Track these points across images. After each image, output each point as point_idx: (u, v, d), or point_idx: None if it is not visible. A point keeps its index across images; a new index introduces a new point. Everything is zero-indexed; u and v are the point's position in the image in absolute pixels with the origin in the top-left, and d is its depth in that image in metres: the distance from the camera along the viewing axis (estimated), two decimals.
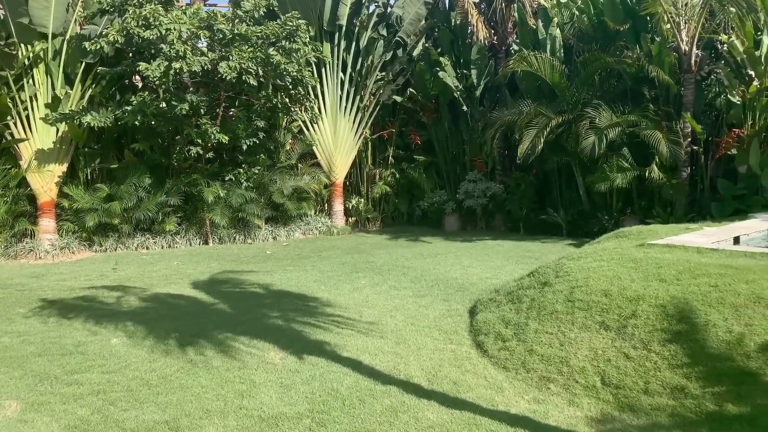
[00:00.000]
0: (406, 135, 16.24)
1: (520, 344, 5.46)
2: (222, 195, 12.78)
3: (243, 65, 11.42)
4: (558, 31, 13.63)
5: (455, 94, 14.69)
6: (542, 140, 12.27)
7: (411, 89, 15.26)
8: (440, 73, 14.32)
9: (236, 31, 11.48)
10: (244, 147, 12.94)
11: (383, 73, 15.45)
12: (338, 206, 15.18)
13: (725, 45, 11.30)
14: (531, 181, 14.34)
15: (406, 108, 15.90)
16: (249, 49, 11.65)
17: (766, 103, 10.64)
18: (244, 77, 11.66)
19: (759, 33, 11.01)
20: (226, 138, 12.23)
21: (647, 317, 5.01)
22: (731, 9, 10.75)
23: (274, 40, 12.14)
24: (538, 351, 5.23)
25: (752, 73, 10.74)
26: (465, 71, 15.12)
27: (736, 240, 7.82)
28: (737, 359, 4.29)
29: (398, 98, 15.47)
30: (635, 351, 4.76)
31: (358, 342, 5.93)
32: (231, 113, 13.31)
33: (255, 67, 11.60)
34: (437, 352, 5.66)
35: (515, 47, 14.58)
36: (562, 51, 13.68)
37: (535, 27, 14.07)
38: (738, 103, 11.11)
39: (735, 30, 10.75)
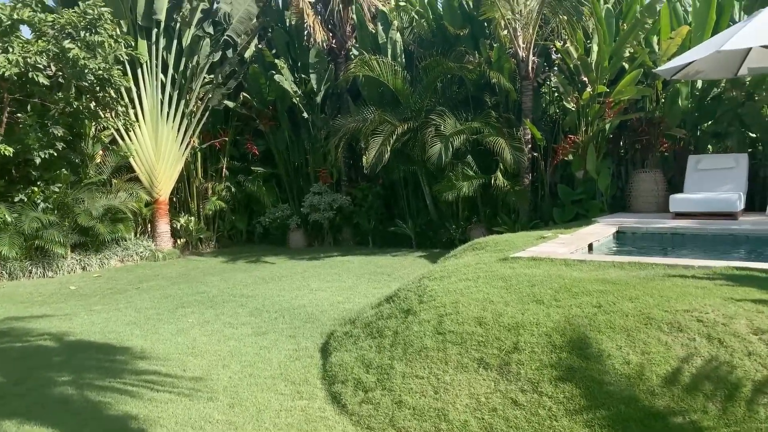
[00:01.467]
0: (241, 144, 14.71)
1: (386, 394, 4.42)
2: (10, 220, 10.31)
3: (29, 60, 9.21)
4: (398, 35, 13.10)
5: (294, 100, 13.53)
6: (389, 149, 11.57)
7: (244, 94, 13.81)
8: (276, 77, 13.08)
9: (17, 17, 9.24)
10: (38, 160, 10.59)
11: (212, 76, 13.81)
12: (163, 227, 13.20)
13: (559, 52, 11.46)
14: (378, 191, 13.64)
15: (240, 115, 14.39)
16: (37, 41, 9.46)
17: (598, 109, 10.90)
18: (31, 74, 9.44)
19: (589, 41, 11.30)
20: (11, 150, 9.85)
21: (532, 350, 4.24)
22: (563, 16, 10.89)
23: (71, 30, 10.04)
24: (409, 402, 4.23)
25: (585, 79, 10.96)
26: (304, 76, 14.04)
27: (590, 247, 7.59)
28: (642, 398, 3.63)
29: (230, 103, 13.92)
30: (524, 395, 3.94)
31: (178, 410, 4.49)
32: (19, 120, 10.86)
33: (45, 63, 9.44)
34: (284, 414, 4.43)
35: (355, 52, 13.81)
36: (403, 56, 13.18)
37: (374, 31, 13.42)
38: (572, 109, 11.31)
39: (568, 37, 10.91)
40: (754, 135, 10.98)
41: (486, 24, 12.58)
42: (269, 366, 5.51)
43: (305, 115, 13.64)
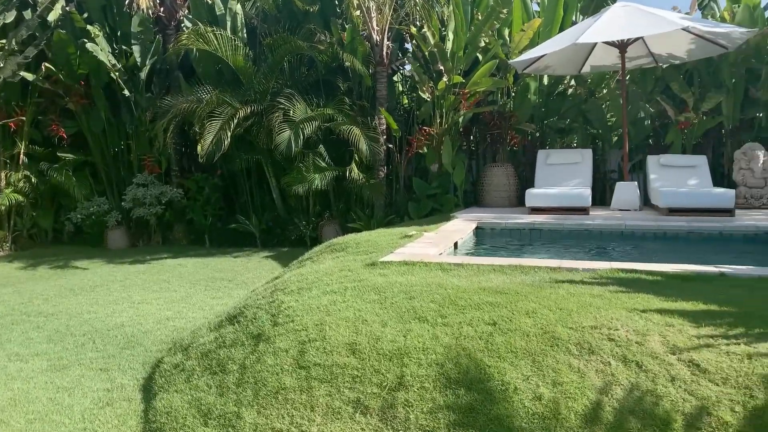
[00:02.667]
0: (45, 126, 12.20)
1: None
2: None
3: None
4: (239, 6, 11.65)
5: (113, 75, 11.46)
6: (228, 135, 10.15)
7: (48, 65, 11.41)
8: (89, 46, 10.93)
9: None
10: None
11: (3, 41, 11.22)
12: None
13: (414, 38, 10.87)
14: (216, 183, 12.09)
15: (43, 90, 11.90)
16: None
17: (453, 100, 10.50)
18: None
19: (444, 28, 10.85)
20: None
21: (422, 386, 3.36)
22: (417, 0, 10.29)
23: None
24: None
25: (441, 68, 10.49)
26: (125, 47, 11.98)
27: (455, 246, 7.01)
28: None
29: (29, 75, 11.42)
30: None
31: None
32: None
33: None
34: None
35: (188, 23, 12.07)
36: (245, 31, 11.75)
37: (211, 1, 11.82)
38: (428, 99, 10.80)
39: (424, 22, 10.34)
40: (595, 131, 11.32)
41: (338, 2, 11.63)
42: (68, 418, 4.07)
43: (126, 92, 11.63)
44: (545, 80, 11.53)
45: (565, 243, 7.88)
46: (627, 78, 10.10)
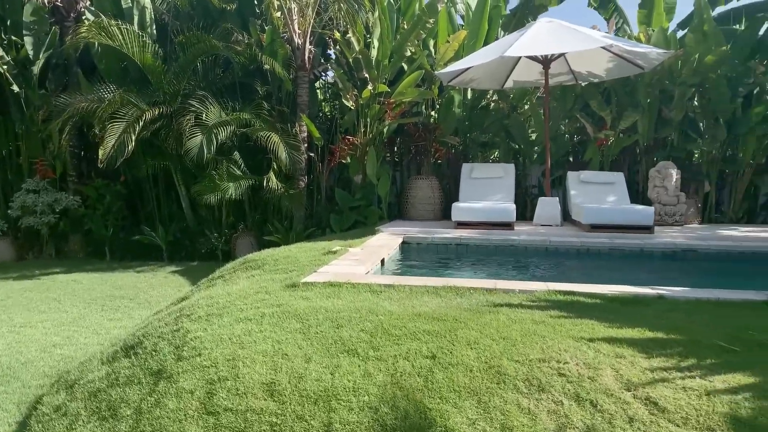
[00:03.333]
0: None
1: None
2: None
3: None
4: (148, 0, 10.76)
5: (0, 69, 10.24)
6: (133, 138, 9.25)
7: None
8: None
9: None
10: None
11: None
12: None
13: (338, 44, 10.44)
14: (119, 191, 11.06)
15: None
16: None
17: (378, 110, 10.15)
18: None
19: (369, 35, 10.50)
20: None
21: None
22: (342, 4, 9.88)
23: None
24: None
25: (366, 76, 10.11)
26: (15, 37, 10.75)
27: (383, 263, 6.61)
28: None
29: None
30: None
31: None
32: None
33: None
34: None
35: (90, 16, 11.02)
36: (154, 27, 10.88)
37: None
38: (351, 108, 10.38)
39: (349, 27, 9.94)
40: (517, 146, 11.34)
41: (257, 1, 11.02)
42: None
43: (16, 88, 10.42)
44: (469, 94, 11.44)
45: (492, 259, 7.67)
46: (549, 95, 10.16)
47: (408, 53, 10.30)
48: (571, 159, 11.36)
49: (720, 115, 9.99)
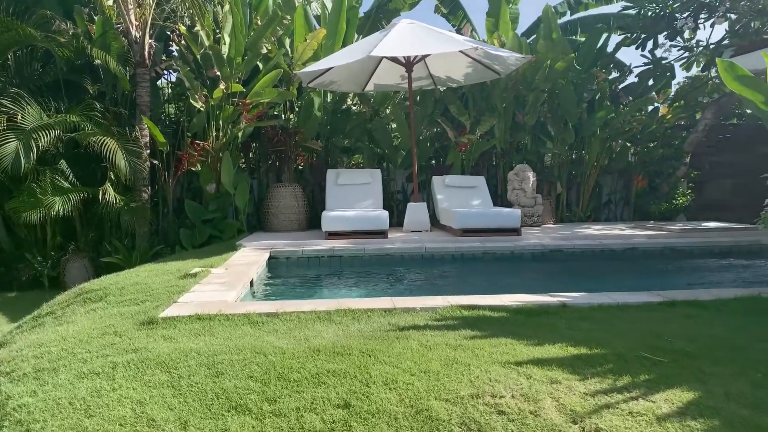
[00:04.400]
0: None
1: None
2: None
3: None
4: None
5: None
6: None
7: None
8: None
9: None
10: None
11: None
12: None
13: (183, 38, 9.33)
14: None
15: None
16: None
17: (232, 112, 9.23)
18: None
19: (218, 30, 9.54)
20: None
21: None
22: None
23: None
24: None
25: (218, 73, 9.14)
26: None
27: (251, 284, 5.83)
28: None
29: None
30: None
31: None
32: None
33: None
34: None
35: None
36: None
37: None
38: (201, 109, 9.33)
39: (197, 19, 8.91)
40: (381, 151, 11.04)
41: None
42: None
43: None
44: (329, 97, 10.93)
45: (370, 270, 7.19)
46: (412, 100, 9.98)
47: (264, 50, 9.51)
48: (433, 163, 11.31)
49: (569, 119, 10.51)
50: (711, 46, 11.26)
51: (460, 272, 7.23)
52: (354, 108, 11.41)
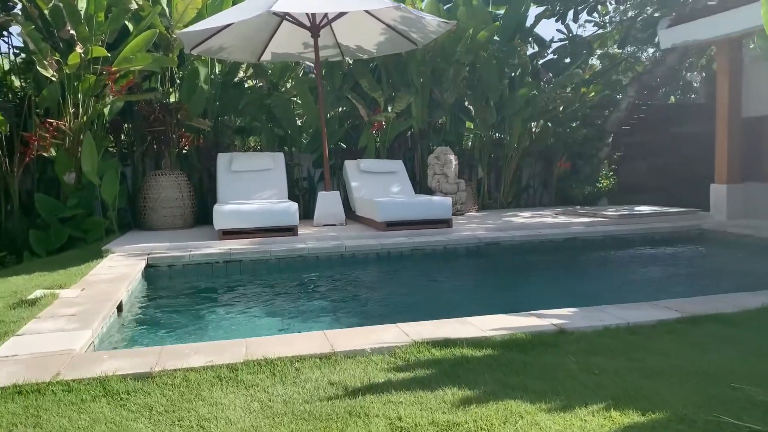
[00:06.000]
0: None
1: None
2: None
3: None
4: None
5: None
6: None
7: None
8: None
9: None
10: None
11: None
12: None
13: None
14: None
15: None
16: None
17: (95, 82, 7.35)
18: None
19: None
20: None
21: None
22: None
23: None
24: None
25: (73, 34, 7.19)
26: None
27: (120, 309, 4.26)
28: None
29: None
30: None
31: None
32: None
33: None
34: None
35: None
36: None
37: None
38: (53, 80, 7.35)
39: None
40: (283, 132, 9.54)
41: None
42: None
43: None
44: (218, 67, 9.25)
45: (281, 278, 5.78)
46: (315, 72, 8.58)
47: (133, 5, 7.66)
48: (344, 146, 9.99)
49: (490, 96, 9.60)
50: (625, 23, 10.83)
51: (392, 275, 6.01)
52: (248, 81, 9.79)
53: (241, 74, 9.79)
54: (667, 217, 7.98)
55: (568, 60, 10.58)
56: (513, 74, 9.92)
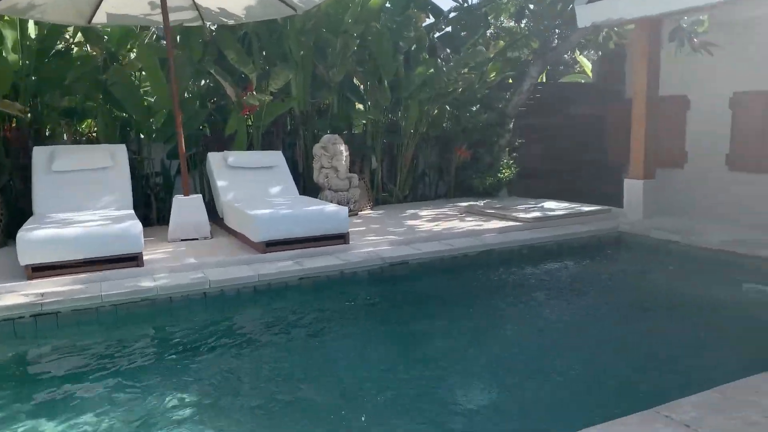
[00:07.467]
0: None
1: None
2: None
3: None
4: None
5: None
6: None
7: None
8: None
9: None
10: None
11: None
12: None
13: None
14: None
15: None
16: None
17: None
18: None
19: None
20: None
21: None
22: None
23: None
24: None
25: None
26: None
27: None
28: None
29: None
30: None
31: None
32: None
33: None
34: None
35: None
36: None
37: None
38: None
39: None
40: (126, 115, 7.52)
41: None
42: None
43: None
44: (32, 30, 7.01)
45: (116, 343, 4.07)
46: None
47: None
48: (208, 133, 8.16)
49: (384, 74, 8.24)
50: None
51: (274, 326, 4.49)
52: (75, 48, 7.61)
53: (67, 39, 7.59)
54: (581, 218, 7.18)
55: (464, 34, 9.44)
56: (409, 49, 8.60)
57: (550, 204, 7.94)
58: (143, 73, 7.62)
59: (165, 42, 6.81)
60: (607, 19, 6.78)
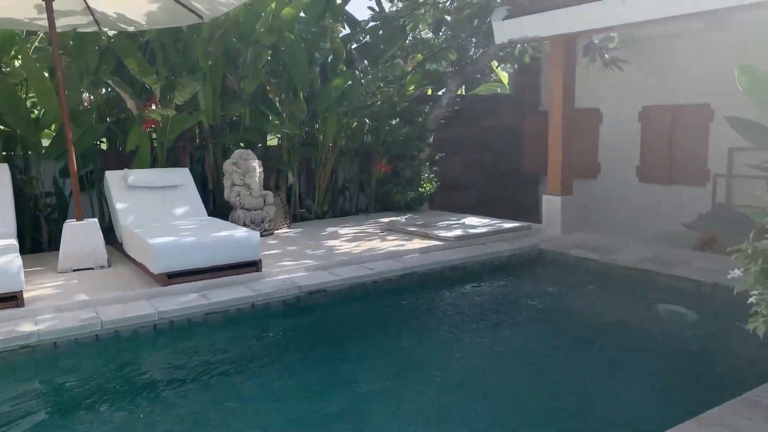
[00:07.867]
0: None
1: None
2: None
3: None
4: None
5: None
6: None
7: None
8: None
9: None
10: None
11: None
12: None
13: None
14: None
15: None
16: None
17: None
18: None
19: None
20: None
21: None
22: None
23: None
24: None
25: None
26: None
27: None
28: None
29: None
30: None
31: None
32: None
33: None
34: None
35: None
36: None
37: None
38: None
39: None
40: (10, 130, 6.74)
41: None
42: None
43: None
44: None
45: None
46: (58, 48, 5.99)
47: None
48: (106, 149, 7.48)
49: (299, 86, 7.88)
50: (439, 5, 9.83)
51: (173, 373, 4.04)
52: None
53: None
54: (502, 236, 7.11)
55: (382, 46, 9.24)
56: (325, 60, 8.29)
57: (471, 220, 7.85)
58: (27, 84, 6.87)
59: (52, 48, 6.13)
60: (523, 36, 6.76)
